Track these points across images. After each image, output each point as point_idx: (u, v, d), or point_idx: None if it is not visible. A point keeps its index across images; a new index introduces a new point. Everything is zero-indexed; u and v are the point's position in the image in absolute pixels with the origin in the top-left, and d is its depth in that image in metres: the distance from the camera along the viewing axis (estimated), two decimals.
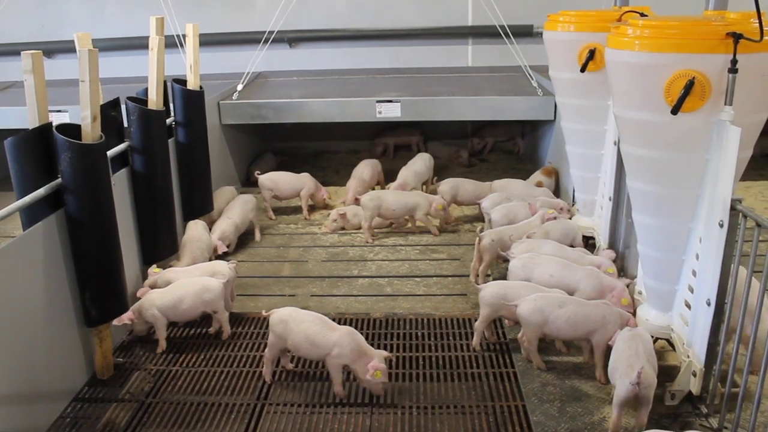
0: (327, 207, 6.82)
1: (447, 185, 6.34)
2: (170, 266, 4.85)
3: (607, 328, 3.82)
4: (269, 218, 6.63)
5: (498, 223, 5.42)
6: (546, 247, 4.66)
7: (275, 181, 6.63)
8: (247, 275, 5.39)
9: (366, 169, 6.91)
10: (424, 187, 6.93)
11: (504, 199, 5.81)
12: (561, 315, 3.87)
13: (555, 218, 5.22)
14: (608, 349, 3.69)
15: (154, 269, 4.67)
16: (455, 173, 7.31)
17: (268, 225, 6.51)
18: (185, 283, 4.42)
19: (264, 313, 4.00)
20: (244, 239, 6.02)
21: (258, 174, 6.67)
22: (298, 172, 6.78)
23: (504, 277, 4.67)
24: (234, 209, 5.91)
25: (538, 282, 4.30)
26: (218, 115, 7.00)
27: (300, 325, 3.83)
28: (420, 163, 6.94)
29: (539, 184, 6.47)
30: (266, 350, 3.99)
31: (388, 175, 7.02)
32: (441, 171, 7.32)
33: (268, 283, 5.32)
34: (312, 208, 6.81)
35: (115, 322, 4.13)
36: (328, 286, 5.23)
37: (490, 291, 4.17)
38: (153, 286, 4.55)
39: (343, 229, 6.32)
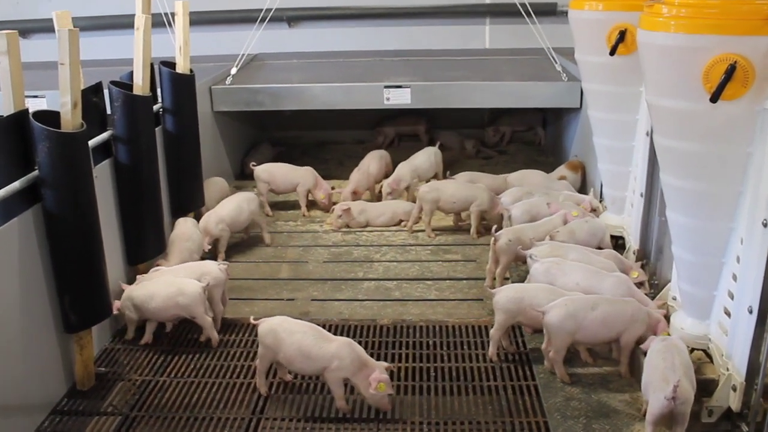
0: (333, 203, 6.72)
1: (462, 179, 6.30)
2: (157, 266, 4.86)
3: (636, 326, 3.88)
4: (266, 214, 6.62)
5: (518, 221, 5.38)
6: (572, 254, 4.59)
7: (272, 173, 6.62)
8: (241, 277, 5.40)
9: (373, 161, 6.87)
10: None
11: (525, 193, 5.76)
12: (597, 317, 3.88)
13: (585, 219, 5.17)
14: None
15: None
16: (467, 166, 7.26)
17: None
18: (163, 281, 4.44)
19: (252, 321, 3.97)
20: (238, 237, 6.02)
21: (253, 165, 6.66)
22: (299, 164, 6.77)
23: (524, 281, 4.65)
24: (226, 204, 5.77)
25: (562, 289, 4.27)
26: (210, 102, 7.01)
27: (292, 336, 3.78)
28: (423, 158, 6.83)
29: (562, 179, 6.43)
30: (257, 361, 3.98)
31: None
32: (453, 164, 7.27)
33: (264, 286, 5.32)
34: (312, 204, 6.79)
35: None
36: (330, 290, 5.23)
37: (504, 295, 4.16)
38: None
39: (347, 226, 6.31)
